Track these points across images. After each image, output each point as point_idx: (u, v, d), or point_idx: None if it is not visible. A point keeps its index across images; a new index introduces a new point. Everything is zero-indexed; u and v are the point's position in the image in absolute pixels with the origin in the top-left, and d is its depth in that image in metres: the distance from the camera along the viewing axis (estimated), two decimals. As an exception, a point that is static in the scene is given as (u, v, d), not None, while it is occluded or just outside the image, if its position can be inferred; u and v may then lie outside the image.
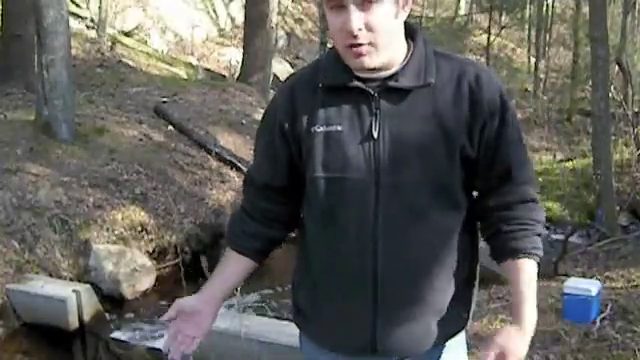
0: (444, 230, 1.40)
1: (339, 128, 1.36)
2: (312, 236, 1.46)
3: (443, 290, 1.44)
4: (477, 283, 1.53)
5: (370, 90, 1.36)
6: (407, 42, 1.40)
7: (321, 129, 1.37)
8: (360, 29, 1.28)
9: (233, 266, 1.55)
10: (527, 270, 1.41)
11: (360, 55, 1.31)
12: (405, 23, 1.39)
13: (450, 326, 1.47)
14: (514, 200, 1.42)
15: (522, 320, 1.38)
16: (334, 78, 1.39)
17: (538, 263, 1.43)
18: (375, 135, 1.35)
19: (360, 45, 1.30)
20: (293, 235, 1.60)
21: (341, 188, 1.37)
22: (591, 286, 3.94)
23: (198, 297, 1.54)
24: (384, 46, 1.32)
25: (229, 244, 1.56)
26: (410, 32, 1.41)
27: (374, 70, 1.35)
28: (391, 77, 1.36)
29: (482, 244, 1.52)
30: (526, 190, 1.43)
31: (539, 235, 1.43)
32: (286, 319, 3.65)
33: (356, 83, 1.36)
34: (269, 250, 1.58)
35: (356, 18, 1.27)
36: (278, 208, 1.52)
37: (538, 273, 1.43)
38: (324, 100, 1.39)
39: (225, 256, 1.56)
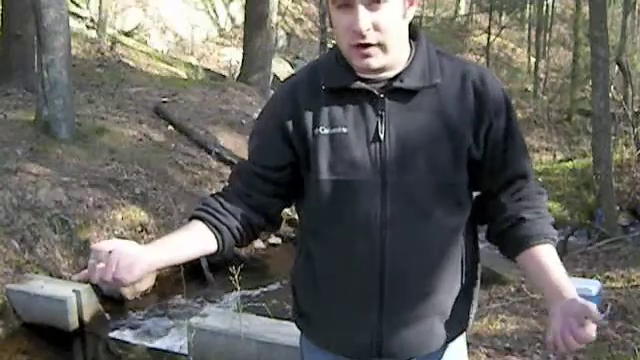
0: (449, 230, 1.40)
1: (344, 130, 1.35)
2: (317, 238, 1.43)
3: (447, 291, 1.43)
4: (479, 283, 1.53)
5: (375, 91, 1.34)
6: (409, 42, 1.39)
7: (326, 131, 1.35)
8: (368, 29, 1.27)
9: (196, 238, 1.38)
10: (554, 254, 1.38)
11: (366, 56, 1.30)
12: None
13: (453, 327, 1.47)
14: (531, 193, 1.42)
15: (570, 291, 1.30)
16: (337, 79, 1.36)
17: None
18: (381, 136, 1.34)
19: (368, 45, 1.28)
20: (293, 235, 1.58)
21: (347, 190, 1.35)
22: (591, 286, 3.93)
23: (143, 248, 1.32)
24: (392, 46, 1.31)
25: (200, 215, 1.40)
26: (412, 32, 1.39)
27: (377, 71, 1.34)
28: (395, 78, 1.35)
29: (481, 245, 1.53)
30: (535, 184, 1.45)
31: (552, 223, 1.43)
32: (286, 319, 3.65)
33: (360, 84, 1.34)
34: (241, 236, 1.43)
35: (365, 18, 1.26)
36: (265, 199, 1.43)
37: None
38: (327, 101, 1.37)
39: (191, 224, 1.40)
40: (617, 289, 4.39)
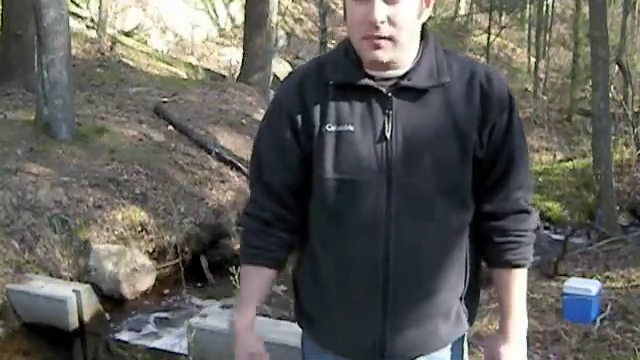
0: (454, 230, 1.39)
1: (351, 128, 1.34)
2: (321, 238, 1.43)
3: (451, 291, 1.43)
4: (481, 283, 1.52)
5: (383, 89, 1.34)
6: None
7: (332, 128, 1.34)
8: (383, 21, 1.27)
9: (260, 284, 1.50)
10: (515, 280, 1.45)
11: (377, 47, 1.29)
12: None
13: (457, 327, 1.47)
14: (506, 210, 1.41)
15: (508, 333, 1.46)
16: (345, 75, 1.36)
17: (531, 266, 1.48)
18: (388, 136, 1.33)
19: (380, 38, 1.28)
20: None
21: (352, 190, 1.34)
22: (591, 286, 3.94)
23: (250, 337, 1.56)
24: (403, 43, 1.31)
25: (249, 260, 1.48)
26: (421, 32, 1.39)
27: (385, 66, 1.33)
28: (404, 76, 1.34)
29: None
30: (519, 199, 1.42)
31: (529, 244, 1.45)
32: (286, 319, 3.65)
33: (369, 82, 1.33)
34: (287, 256, 1.52)
35: (381, 10, 1.26)
36: (291, 214, 1.45)
37: (539, 273, 1.44)
38: (334, 97, 1.36)
39: (248, 275, 1.50)
40: (617, 289, 4.39)
